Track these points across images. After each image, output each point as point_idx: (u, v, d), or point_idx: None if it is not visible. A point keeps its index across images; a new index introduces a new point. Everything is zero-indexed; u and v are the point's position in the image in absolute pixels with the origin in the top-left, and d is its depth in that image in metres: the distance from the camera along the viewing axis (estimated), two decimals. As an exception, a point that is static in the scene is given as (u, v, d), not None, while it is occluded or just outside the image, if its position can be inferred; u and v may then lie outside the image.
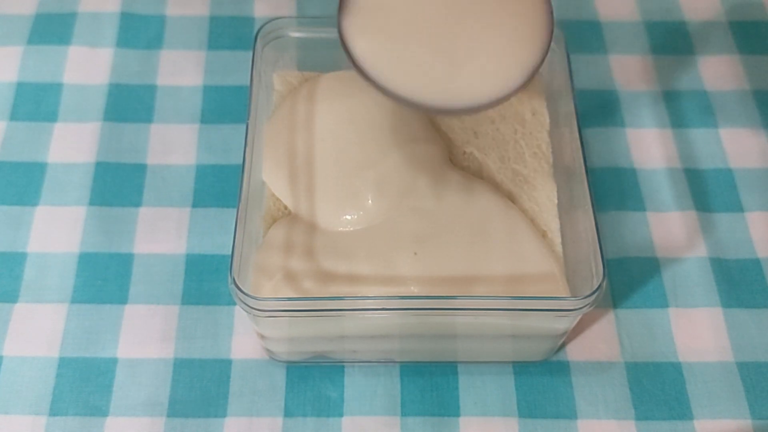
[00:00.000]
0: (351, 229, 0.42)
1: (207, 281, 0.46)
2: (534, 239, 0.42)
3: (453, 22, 0.37)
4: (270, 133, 0.45)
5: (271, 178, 0.44)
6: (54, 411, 0.43)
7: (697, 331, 0.45)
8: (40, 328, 0.45)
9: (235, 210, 0.40)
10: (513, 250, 0.42)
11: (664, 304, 0.46)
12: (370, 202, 0.42)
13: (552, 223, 0.43)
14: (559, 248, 0.42)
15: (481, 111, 0.38)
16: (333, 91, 0.46)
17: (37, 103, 0.53)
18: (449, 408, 0.43)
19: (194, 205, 0.49)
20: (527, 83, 0.37)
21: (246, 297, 0.38)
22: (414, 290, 0.40)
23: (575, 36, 0.56)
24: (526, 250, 0.42)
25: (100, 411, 0.43)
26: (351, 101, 0.45)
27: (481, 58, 0.37)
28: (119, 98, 0.53)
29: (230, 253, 0.39)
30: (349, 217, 0.42)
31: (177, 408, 0.43)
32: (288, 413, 0.43)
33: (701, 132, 0.52)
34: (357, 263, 0.41)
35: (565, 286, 0.41)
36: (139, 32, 0.56)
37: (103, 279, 0.46)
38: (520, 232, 0.42)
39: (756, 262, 0.47)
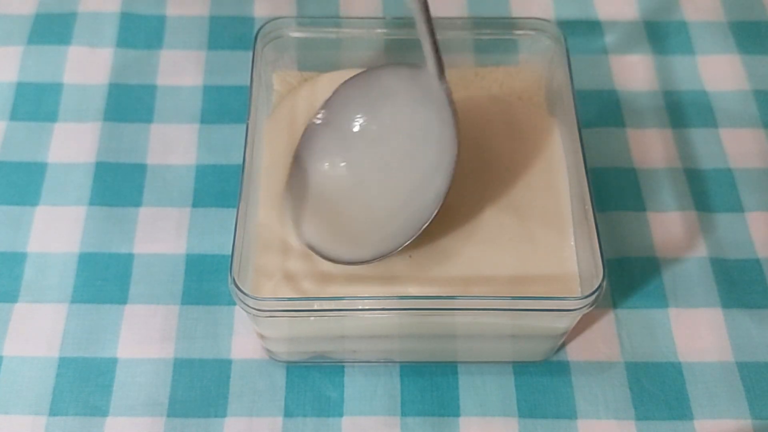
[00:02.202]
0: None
1: (207, 281, 0.46)
2: (546, 238, 0.42)
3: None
4: (269, 133, 0.46)
5: (269, 178, 0.44)
6: (54, 411, 0.43)
7: (697, 331, 0.45)
8: (40, 328, 0.45)
9: (235, 210, 0.40)
10: (521, 249, 0.42)
11: (664, 304, 0.46)
12: None
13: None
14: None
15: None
16: (332, 91, 0.46)
17: (37, 103, 0.53)
18: (449, 408, 0.43)
19: (194, 205, 0.49)
20: None
21: (246, 297, 0.38)
22: (411, 291, 0.40)
23: (575, 36, 0.56)
24: (537, 251, 0.42)
25: (100, 411, 0.43)
26: None
27: None
28: (119, 98, 0.53)
29: (230, 253, 0.39)
30: None
31: (177, 408, 0.43)
32: (288, 413, 0.43)
33: (701, 132, 0.52)
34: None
35: (578, 287, 0.41)
36: (139, 32, 0.56)
37: (103, 279, 0.46)
38: (530, 227, 0.42)
39: (756, 262, 0.48)
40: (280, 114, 0.46)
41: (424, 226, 0.39)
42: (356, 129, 0.43)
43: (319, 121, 0.43)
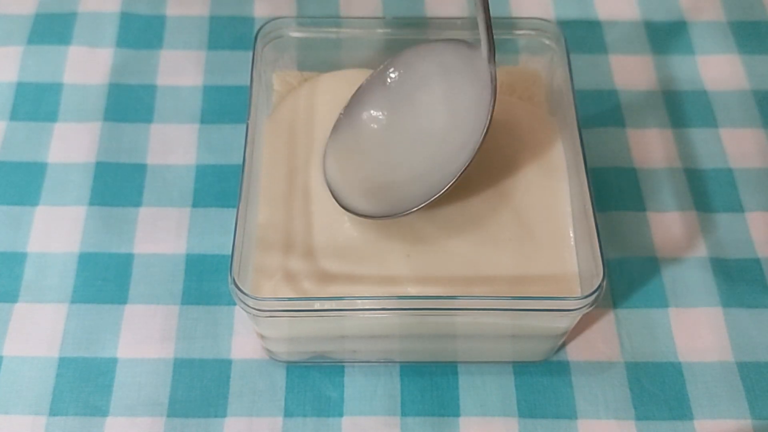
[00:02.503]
0: (347, 228, 0.42)
1: (207, 281, 0.46)
2: (546, 236, 0.42)
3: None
4: (269, 133, 0.46)
5: (269, 178, 0.44)
6: (54, 411, 0.43)
7: (697, 331, 0.45)
8: (40, 328, 0.45)
9: (235, 210, 0.40)
10: (521, 249, 0.42)
11: (664, 304, 0.46)
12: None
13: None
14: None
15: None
16: (332, 91, 0.46)
17: (37, 103, 0.53)
18: (449, 408, 0.43)
19: (194, 205, 0.49)
20: None
21: (246, 297, 0.38)
22: (411, 291, 0.40)
23: (575, 36, 0.56)
24: (537, 251, 0.42)
25: (100, 411, 0.43)
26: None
27: None
28: (119, 98, 0.53)
29: (230, 253, 0.39)
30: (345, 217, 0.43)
31: (177, 408, 0.43)
32: (288, 413, 0.43)
33: (701, 132, 0.52)
34: (355, 264, 0.41)
35: (578, 287, 0.41)
36: (139, 32, 0.56)
37: (103, 279, 0.46)
38: (530, 227, 0.42)
39: (756, 262, 0.48)
40: (280, 114, 0.46)
41: (431, 200, 0.40)
42: (407, 93, 0.44)
43: (379, 78, 0.44)
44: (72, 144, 0.51)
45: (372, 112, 0.44)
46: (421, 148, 0.43)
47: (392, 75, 0.44)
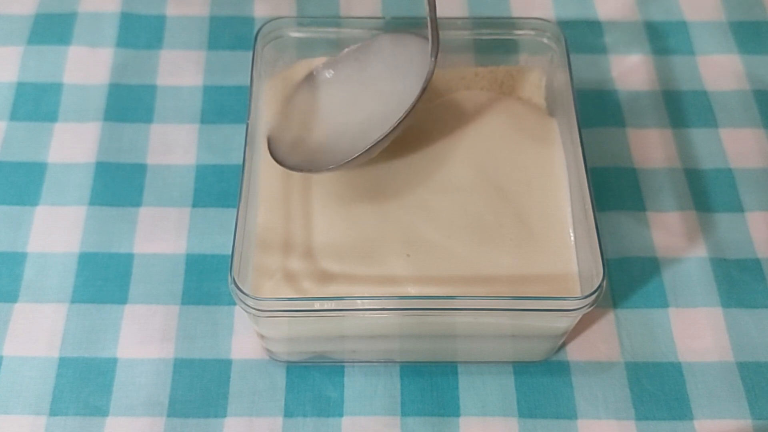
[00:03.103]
0: (347, 228, 0.42)
1: (207, 281, 0.46)
2: (547, 236, 0.42)
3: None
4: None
5: (268, 177, 0.44)
6: (54, 411, 0.43)
7: (697, 331, 0.45)
8: (40, 328, 0.45)
9: (235, 210, 0.40)
10: (521, 249, 0.42)
11: (664, 304, 0.46)
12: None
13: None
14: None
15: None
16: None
17: (37, 103, 0.53)
18: (449, 408, 0.43)
19: (194, 205, 0.49)
20: None
21: (246, 297, 0.38)
22: (411, 291, 0.40)
23: (575, 36, 0.56)
24: (537, 251, 0.42)
25: (100, 411, 0.43)
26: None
27: None
28: (119, 98, 0.53)
29: (230, 253, 0.39)
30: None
31: (177, 408, 0.43)
32: (288, 413, 0.43)
33: (701, 132, 0.52)
34: (355, 264, 0.41)
35: (578, 287, 0.41)
36: (139, 32, 0.56)
37: (103, 279, 0.46)
38: (530, 227, 0.42)
39: (756, 262, 0.48)
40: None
41: (355, 156, 0.41)
42: (366, 74, 0.45)
43: (350, 54, 0.46)
44: (72, 144, 0.51)
45: (332, 80, 0.46)
46: (360, 123, 0.44)
47: (359, 55, 0.46)
